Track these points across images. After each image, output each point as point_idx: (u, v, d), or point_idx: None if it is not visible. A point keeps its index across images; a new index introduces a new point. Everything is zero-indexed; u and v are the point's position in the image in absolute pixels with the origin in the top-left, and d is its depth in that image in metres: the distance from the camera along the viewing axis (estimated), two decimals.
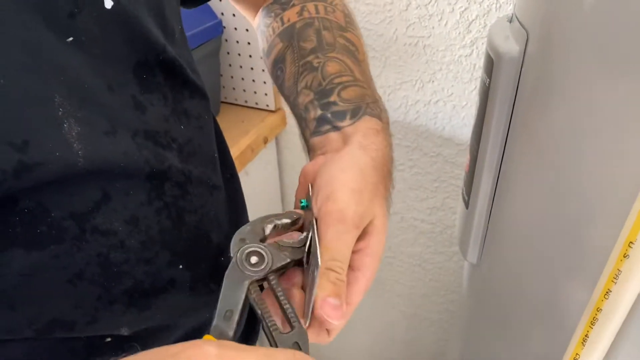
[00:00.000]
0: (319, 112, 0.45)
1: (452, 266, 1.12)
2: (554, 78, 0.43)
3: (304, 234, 0.37)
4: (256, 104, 1.08)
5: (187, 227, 0.41)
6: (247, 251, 0.34)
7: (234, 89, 1.08)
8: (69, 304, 0.34)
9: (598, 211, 0.42)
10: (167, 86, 0.41)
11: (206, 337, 0.30)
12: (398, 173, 1.04)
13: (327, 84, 0.46)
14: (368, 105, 0.45)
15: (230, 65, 1.05)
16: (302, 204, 0.39)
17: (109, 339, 0.37)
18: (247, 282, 0.33)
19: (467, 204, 0.58)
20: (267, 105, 1.08)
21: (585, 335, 0.40)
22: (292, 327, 0.33)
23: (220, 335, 0.31)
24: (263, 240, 0.36)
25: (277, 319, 0.33)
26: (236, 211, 0.51)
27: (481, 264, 0.60)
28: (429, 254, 1.13)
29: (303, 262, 0.37)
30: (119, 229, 0.36)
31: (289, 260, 0.35)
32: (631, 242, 0.34)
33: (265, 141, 1.06)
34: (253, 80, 1.05)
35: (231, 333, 0.31)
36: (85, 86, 0.34)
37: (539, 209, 0.50)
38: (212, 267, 0.44)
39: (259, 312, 0.32)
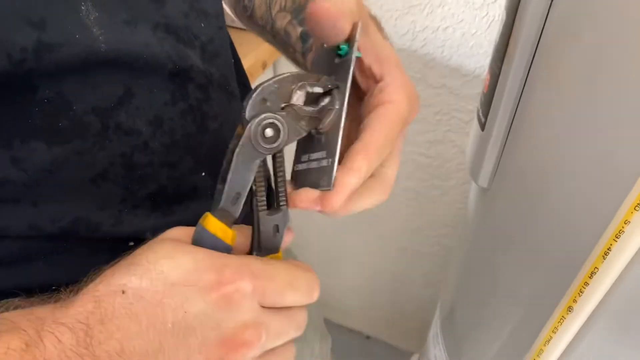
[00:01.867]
0: (299, 29, 0.43)
1: (447, 200, 1.12)
2: None
3: (327, 98, 0.31)
4: None
5: (210, 134, 0.40)
6: (264, 122, 0.29)
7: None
8: (93, 205, 0.33)
9: (624, 140, 0.42)
10: None
11: (210, 216, 0.29)
12: None
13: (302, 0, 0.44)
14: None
15: None
16: (343, 50, 0.31)
17: (132, 243, 0.36)
18: (258, 161, 0.29)
19: (482, 125, 0.57)
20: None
21: (608, 249, 0.40)
22: (278, 208, 0.31)
23: (226, 217, 0.29)
24: (285, 105, 0.30)
25: (264, 199, 0.31)
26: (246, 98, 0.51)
27: (492, 188, 0.60)
28: (425, 187, 1.13)
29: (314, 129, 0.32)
30: (142, 129, 0.35)
31: (304, 133, 0.31)
32: None
33: (264, 66, 1.02)
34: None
35: (237, 215, 0.30)
36: None
37: (559, 135, 0.49)
38: None
39: (254, 187, 0.30)
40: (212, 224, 0.28)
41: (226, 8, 0.53)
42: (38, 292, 0.34)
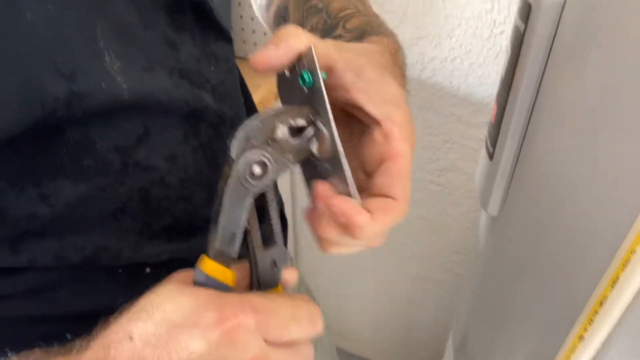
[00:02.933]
0: None
1: (458, 227, 1.13)
2: (597, 28, 0.43)
3: (310, 128, 0.31)
4: None
5: (221, 169, 0.42)
6: (250, 160, 0.28)
7: (244, 42, 1.06)
8: (113, 236, 0.35)
9: (630, 166, 0.42)
10: (196, 27, 0.42)
11: (206, 259, 0.29)
12: None
13: (332, 20, 0.46)
14: (372, 28, 0.44)
15: (241, 17, 1.03)
16: (308, 80, 0.30)
17: (148, 270, 0.38)
18: (249, 199, 0.29)
19: (491, 155, 0.58)
20: None
21: (616, 278, 0.40)
22: (274, 243, 0.31)
23: (223, 258, 0.29)
24: (270, 140, 0.30)
25: (258, 234, 0.31)
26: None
27: (501, 217, 0.60)
28: (436, 215, 1.13)
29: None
30: (159, 165, 0.36)
31: (292, 166, 0.30)
32: None
33: (277, 97, 1.05)
34: (265, 34, 1.03)
35: (235, 255, 0.29)
36: (122, 20, 0.34)
37: (566, 163, 0.50)
38: None
39: (247, 225, 0.30)
40: (209, 266, 0.28)
41: (270, 30, 0.55)
42: (61, 320, 0.35)
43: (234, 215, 0.29)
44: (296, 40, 0.30)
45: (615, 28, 0.41)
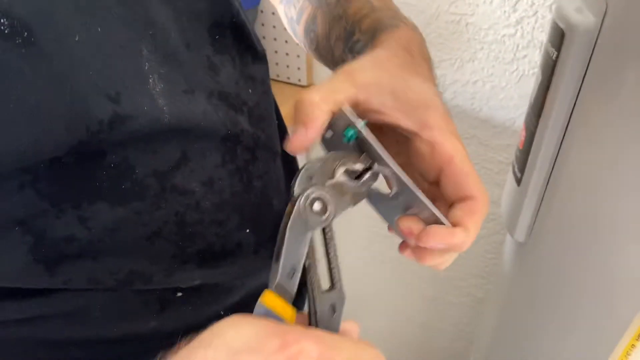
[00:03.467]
0: (349, 57, 0.45)
1: (478, 250, 1.11)
2: (633, 54, 0.42)
3: (368, 173, 0.32)
4: (288, 78, 1.07)
5: (255, 192, 0.41)
6: (311, 197, 0.30)
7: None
8: (147, 260, 0.35)
9: None
10: (235, 49, 0.41)
11: (268, 293, 0.29)
12: None
13: (350, 27, 0.46)
14: (383, 24, 0.43)
15: (264, 37, 1.04)
16: (350, 135, 0.32)
17: (180, 294, 0.37)
18: (309, 235, 0.30)
19: (518, 181, 0.57)
20: (299, 80, 1.07)
21: None
22: (333, 286, 0.32)
23: (283, 294, 0.29)
24: (329, 181, 0.32)
25: (318, 276, 0.32)
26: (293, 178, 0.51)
27: (529, 243, 0.59)
28: None
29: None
30: (196, 190, 0.36)
31: (349, 207, 0.32)
32: None
33: None
34: (287, 54, 1.04)
35: (294, 292, 0.30)
36: (169, 42, 0.34)
37: (598, 191, 0.49)
38: (274, 232, 0.44)
39: (307, 264, 0.31)
40: (271, 299, 0.29)
41: (301, 44, 0.55)
42: (93, 343, 0.35)
43: (294, 250, 0.30)
44: (318, 111, 0.30)
45: None
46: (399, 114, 0.33)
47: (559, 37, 0.47)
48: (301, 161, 0.41)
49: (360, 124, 0.31)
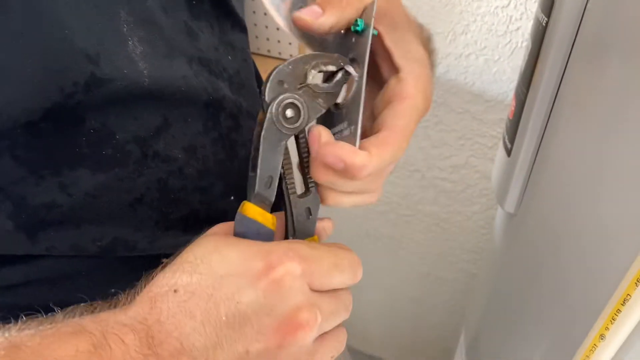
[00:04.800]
0: None
1: (470, 226, 1.12)
2: (622, 20, 0.42)
3: (340, 73, 0.32)
4: (279, 53, 1.06)
5: (239, 160, 0.41)
6: (283, 103, 0.29)
7: (256, 37, 1.06)
8: (130, 227, 0.35)
9: None
10: (213, 16, 0.41)
11: (247, 204, 0.29)
12: (422, 130, 1.03)
13: None
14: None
15: (254, 12, 1.03)
16: (360, 25, 0.32)
17: (164, 260, 0.38)
18: (284, 143, 0.30)
19: (509, 151, 0.57)
20: (291, 56, 1.05)
21: (638, 279, 0.39)
22: (308, 191, 0.32)
23: (262, 202, 0.30)
24: (301, 85, 0.31)
25: (294, 182, 0.32)
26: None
27: (519, 214, 0.59)
28: (448, 213, 1.12)
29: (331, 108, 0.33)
30: (178, 156, 0.36)
31: (323, 110, 0.32)
32: None
33: None
34: (277, 29, 1.03)
35: (272, 199, 0.30)
36: (145, 6, 0.34)
37: (589, 160, 0.49)
38: None
39: (282, 171, 0.31)
40: (251, 210, 0.29)
41: (286, 27, 0.54)
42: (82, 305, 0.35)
43: (270, 158, 0.30)
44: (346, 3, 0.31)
45: None
46: (397, 50, 0.33)
47: (549, 3, 0.46)
48: None
49: (374, 30, 0.31)
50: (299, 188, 0.32)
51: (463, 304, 1.27)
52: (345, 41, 0.33)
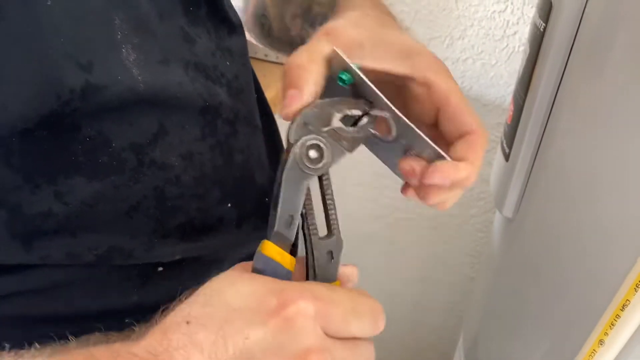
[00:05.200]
0: (310, 31, 0.44)
1: (468, 229, 1.12)
2: (619, 26, 0.42)
3: (365, 118, 0.31)
4: (277, 57, 1.06)
5: (236, 166, 0.41)
6: (307, 144, 0.29)
7: (253, 43, 1.06)
8: (126, 235, 0.35)
9: None
10: (210, 21, 0.41)
11: (266, 242, 0.29)
12: None
13: (305, 1, 0.45)
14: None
15: None
16: (346, 79, 0.31)
17: (161, 269, 0.37)
18: (306, 183, 0.30)
19: (507, 156, 0.57)
20: None
21: (638, 284, 0.39)
22: (331, 233, 0.32)
23: (282, 242, 0.29)
24: (326, 128, 0.31)
25: (315, 223, 0.31)
26: (276, 153, 0.51)
27: (517, 219, 0.59)
28: (446, 216, 1.12)
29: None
30: (175, 164, 0.36)
31: (347, 153, 0.31)
32: None
33: None
34: None
35: (292, 240, 0.30)
36: (140, 12, 0.33)
37: (587, 165, 0.49)
38: (256, 206, 0.44)
39: (304, 212, 0.30)
40: (269, 248, 0.29)
41: (249, 36, 0.54)
42: (72, 319, 0.35)
43: (291, 198, 0.29)
44: (307, 73, 0.29)
45: (638, 26, 0.41)
46: (390, 62, 0.32)
47: (547, 8, 0.47)
48: (283, 136, 0.41)
49: (354, 66, 0.30)
50: (321, 231, 0.32)
51: (462, 308, 1.27)
52: (343, 89, 0.32)
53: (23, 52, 0.27)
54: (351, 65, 0.30)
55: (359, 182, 1.16)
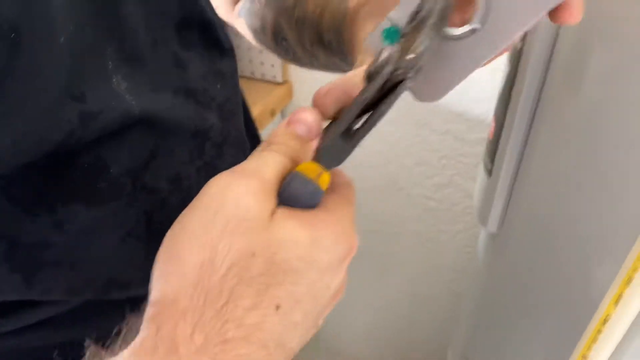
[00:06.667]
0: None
1: (455, 245, 1.12)
2: (595, 42, 0.43)
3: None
4: (262, 75, 1.07)
5: None
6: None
7: (240, 60, 1.07)
8: (123, 264, 0.34)
9: (632, 177, 0.42)
10: (202, 45, 0.41)
11: (311, 165, 0.25)
12: (405, 149, 1.03)
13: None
14: None
15: (236, 35, 1.03)
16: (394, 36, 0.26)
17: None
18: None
19: (489, 172, 0.58)
20: (274, 77, 1.06)
21: (619, 296, 0.39)
22: (352, 134, 0.27)
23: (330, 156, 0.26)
24: None
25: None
26: None
27: (501, 234, 0.60)
28: (433, 232, 1.13)
29: None
30: (163, 187, 0.36)
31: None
32: None
33: (273, 114, 1.04)
34: (260, 51, 1.04)
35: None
36: (136, 41, 0.33)
37: (567, 177, 0.50)
38: None
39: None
40: (311, 169, 0.25)
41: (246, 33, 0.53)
42: (62, 346, 0.34)
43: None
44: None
45: (614, 39, 0.41)
46: None
47: None
48: None
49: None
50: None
51: (450, 323, 1.27)
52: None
53: (30, 89, 0.26)
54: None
55: None
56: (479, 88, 0.90)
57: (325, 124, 0.29)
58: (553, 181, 0.52)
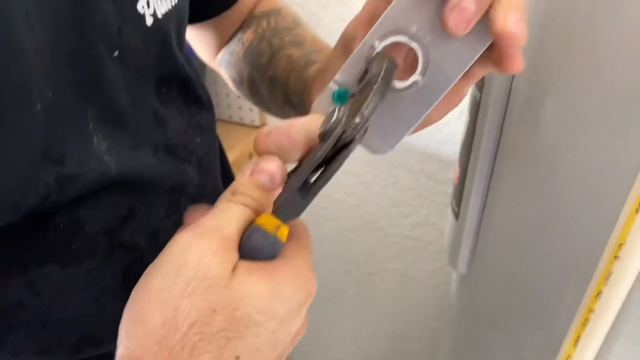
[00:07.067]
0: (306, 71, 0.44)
1: (433, 282, 1.13)
2: (545, 91, 0.46)
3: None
4: (241, 119, 1.09)
5: None
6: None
7: (218, 104, 1.09)
8: (95, 320, 0.34)
9: (588, 215, 0.44)
10: (181, 100, 0.41)
11: (267, 217, 0.26)
12: (381, 189, 1.05)
13: (281, 87, 0.47)
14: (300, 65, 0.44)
15: (215, 81, 1.06)
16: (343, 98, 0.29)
17: None
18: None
19: (456, 215, 0.60)
20: (252, 121, 1.09)
21: (578, 336, 0.41)
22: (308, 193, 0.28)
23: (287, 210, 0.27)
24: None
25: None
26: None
27: (470, 274, 0.61)
28: (412, 270, 1.14)
29: None
30: (141, 244, 0.36)
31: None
32: (621, 244, 0.36)
33: (251, 157, 1.06)
34: (238, 97, 1.06)
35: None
36: (117, 101, 0.34)
37: (529, 217, 0.52)
38: None
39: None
40: (268, 221, 0.26)
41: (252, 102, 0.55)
42: None
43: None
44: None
45: (561, 88, 0.44)
46: None
47: (480, 81, 0.50)
48: None
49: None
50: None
51: None
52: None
53: (4, 154, 0.26)
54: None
55: (323, 236, 1.18)
56: (448, 130, 0.93)
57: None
58: (517, 219, 0.54)
